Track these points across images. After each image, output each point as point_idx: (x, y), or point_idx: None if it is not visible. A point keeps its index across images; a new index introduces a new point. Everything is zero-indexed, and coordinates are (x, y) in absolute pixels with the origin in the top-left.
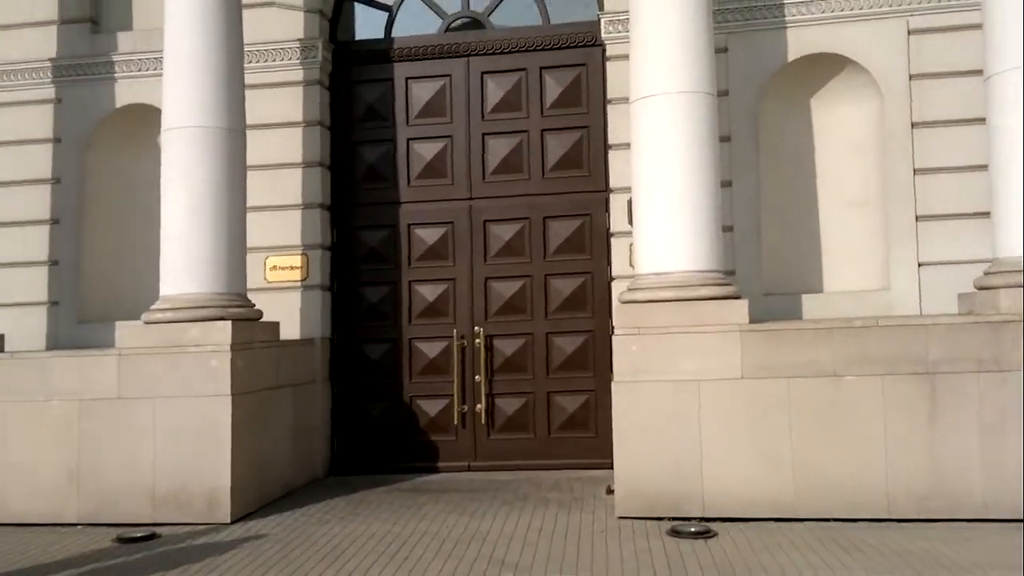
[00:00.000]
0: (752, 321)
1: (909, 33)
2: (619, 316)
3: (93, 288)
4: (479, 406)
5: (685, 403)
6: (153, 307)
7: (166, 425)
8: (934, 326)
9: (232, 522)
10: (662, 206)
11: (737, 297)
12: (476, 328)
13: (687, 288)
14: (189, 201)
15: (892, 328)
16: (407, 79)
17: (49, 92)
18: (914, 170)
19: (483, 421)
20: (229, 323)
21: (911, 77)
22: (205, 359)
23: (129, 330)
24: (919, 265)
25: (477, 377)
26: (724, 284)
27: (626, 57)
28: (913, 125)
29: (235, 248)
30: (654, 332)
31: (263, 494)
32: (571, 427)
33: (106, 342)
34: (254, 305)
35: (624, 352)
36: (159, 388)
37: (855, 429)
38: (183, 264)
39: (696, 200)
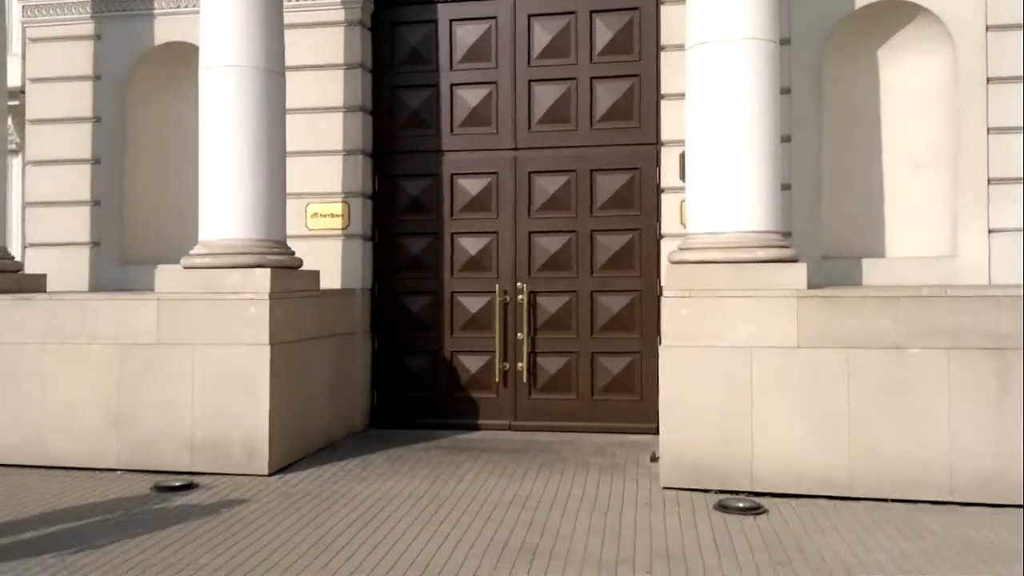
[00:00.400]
0: (810, 286)
1: None
2: (669, 277)
3: (135, 229)
4: (521, 364)
5: (736, 371)
6: (192, 252)
7: (205, 372)
8: (1006, 298)
9: (270, 474)
10: (717, 161)
11: (795, 260)
12: (519, 284)
13: (742, 249)
14: (227, 143)
15: (961, 299)
16: (451, 21)
17: (88, 28)
18: (988, 128)
19: (525, 380)
20: (268, 271)
21: (987, 28)
22: (244, 306)
23: (168, 274)
24: (989, 232)
25: (519, 334)
26: (782, 246)
27: (680, 1)
28: (988, 80)
29: (274, 193)
30: (706, 295)
31: (302, 446)
32: (615, 389)
33: (148, 284)
34: (294, 253)
35: (673, 315)
36: (198, 334)
37: (918, 405)
38: (222, 208)
39: (754, 155)
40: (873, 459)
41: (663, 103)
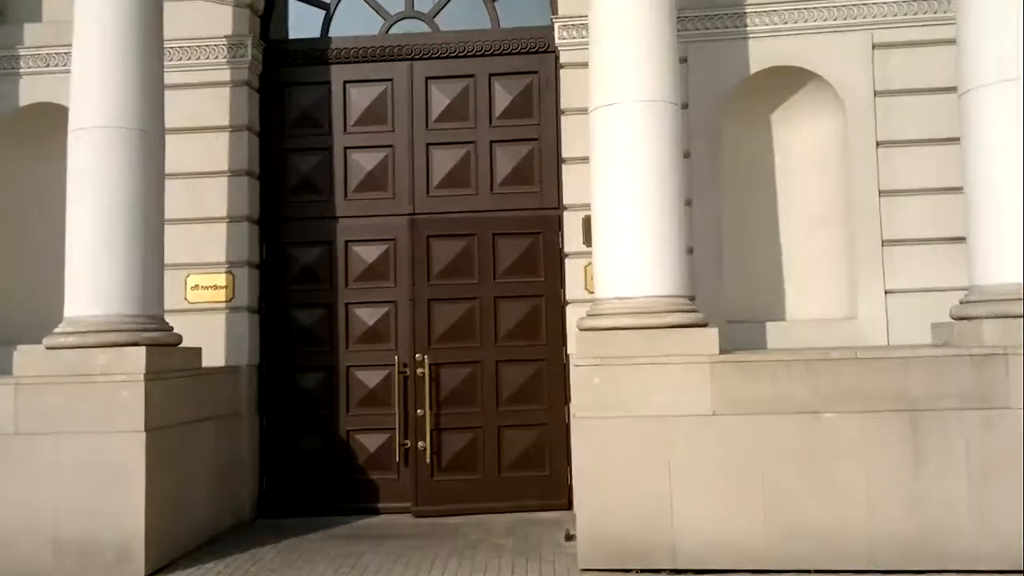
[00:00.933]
0: (720, 351)
1: (874, 47)
2: (579, 344)
3: None
4: (422, 442)
5: (653, 442)
6: (56, 330)
7: (71, 464)
8: (915, 359)
9: None
10: (624, 224)
11: (705, 324)
12: (419, 355)
13: (652, 315)
14: (97, 210)
15: (871, 361)
16: (345, 83)
17: None
18: (879, 191)
19: (427, 459)
20: (143, 349)
21: (876, 93)
22: (115, 390)
23: (28, 356)
24: (886, 292)
25: (420, 410)
26: (691, 310)
27: (581, 65)
28: (878, 144)
29: (151, 265)
30: (619, 363)
31: (182, 542)
32: (523, 465)
33: (7, 368)
34: (172, 328)
35: (585, 385)
36: (62, 422)
37: (833, 471)
38: (90, 282)
39: (661, 217)
40: (792, 529)
41: (564, 167)
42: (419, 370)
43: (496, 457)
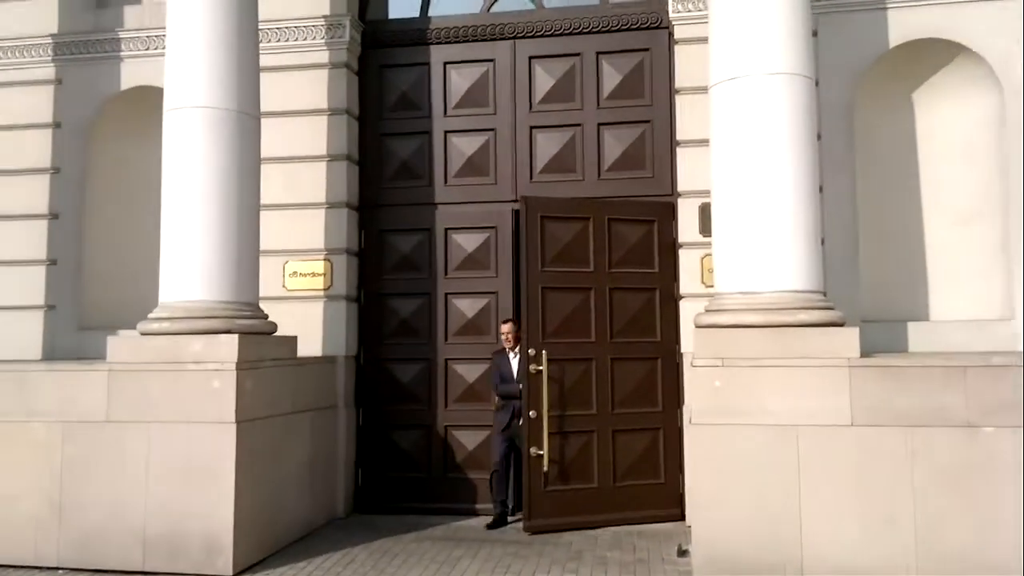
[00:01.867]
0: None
1: None
2: (698, 343)
3: (95, 291)
4: (538, 449)
5: (780, 452)
6: (150, 315)
7: (161, 455)
8: None
9: (235, 574)
10: (750, 211)
11: (842, 324)
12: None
13: (782, 312)
14: (192, 193)
15: None
16: (445, 64)
17: (49, 72)
18: None
19: (544, 466)
20: (236, 337)
21: None
22: (207, 379)
23: (122, 342)
24: None
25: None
26: (827, 307)
27: (698, 40)
28: None
29: (246, 250)
30: (742, 364)
31: (272, 539)
32: (635, 471)
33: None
34: (267, 316)
35: (704, 387)
36: (154, 411)
37: (992, 493)
38: (185, 266)
39: (793, 203)
40: (943, 554)
41: (678, 150)
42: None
43: (611, 464)
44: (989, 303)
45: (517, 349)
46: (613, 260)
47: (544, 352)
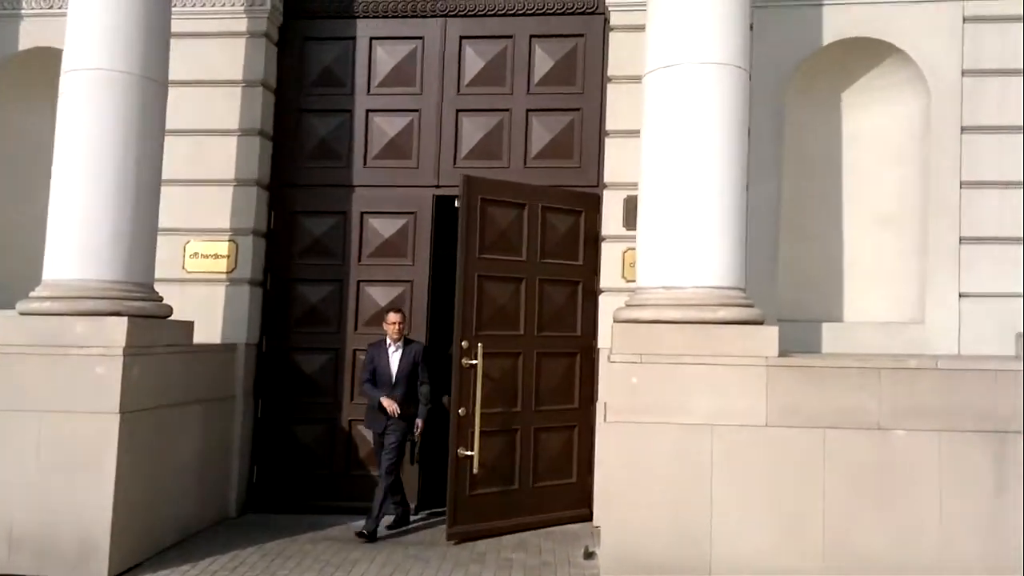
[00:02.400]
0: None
1: (964, 20)
2: (617, 339)
3: None
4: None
5: (694, 452)
6: (32, 293)
7: (35, 446)
8: (1003, 372)
9: None
10: (677, 204)
11: (761, 322)
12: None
13: (703, 308)
14: (84, 161)
15: (954, 373)
16: (371, 39)
17: None
18: (961, 183)
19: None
20: (124, 320)
21: (964, 72)
22: (90, 364)
23: None
24: (960, 295)
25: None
26: (747, 305)
27: (632, 28)
28: (963, 130)
29: (142, 226)
30: (660, 360)
31: (156, 539)
32: (551, 471)
33: None
34: (162, 299)
35: (620, 384)
36: (30, 399)
37: (903, 497)
38: (72, 242)
39: (720, 199)
40: (852, 557)
41: (607, 141)
42: None
43: (531, 464)
44: (902, 306)
45: (400, 343)
46: (544, 250)
47: (480, 345)
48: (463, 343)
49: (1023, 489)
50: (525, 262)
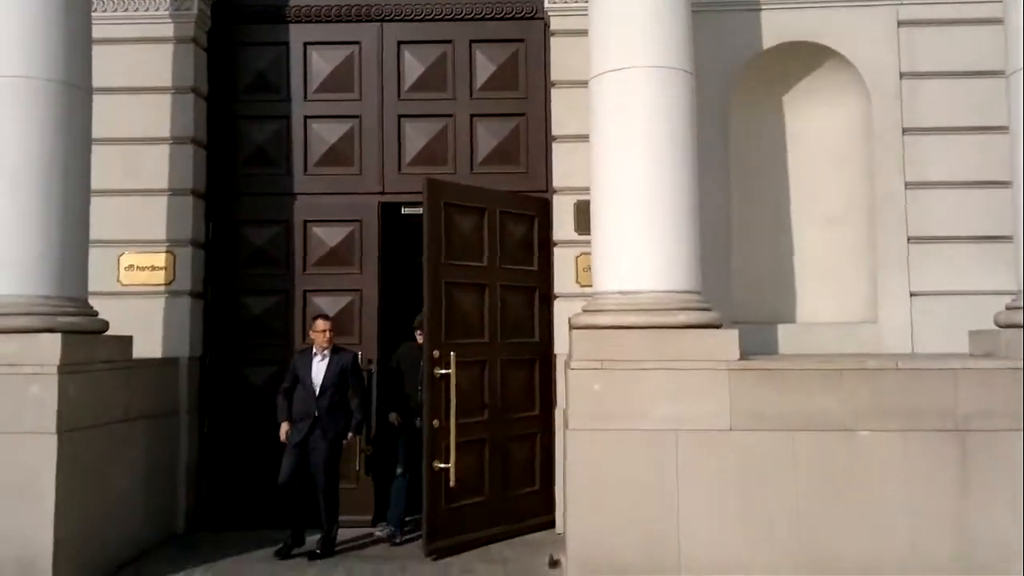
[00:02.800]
0: None
1: (899, 24)
2: (576, 345)
3: None
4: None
5: (659, 458)
6: None
7: None
8: (965, 371)
9: None
10: (630, 207)
11: (719, 325)
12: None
13: (662, 312)
14: (6, 173)
15: (914, 372)
16: (306, 44)
17: None
18: (905, 183)
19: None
20: (58, 336)
21: (902, 75)
22: (23, 384)
23: None
24: (911, 294)
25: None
26: (705, 308)
27: (574, 33)
28: (904, 131)
29: (72, 239)
30: (622, 367)
31: (100, 562)
32: (518, 479)
33: None
34: (97, 314)
35: (582, 391)
36: None
37: (870, 498)
38: None
39: (673, 202)
40: (822, 562)
41: (554, 145)
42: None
43: (500, 474)
44: (855, 305)
45: (328, 351)
46: (503, 255)
47: (453, 354)
48: (434, 352)
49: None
50: (487, 268)
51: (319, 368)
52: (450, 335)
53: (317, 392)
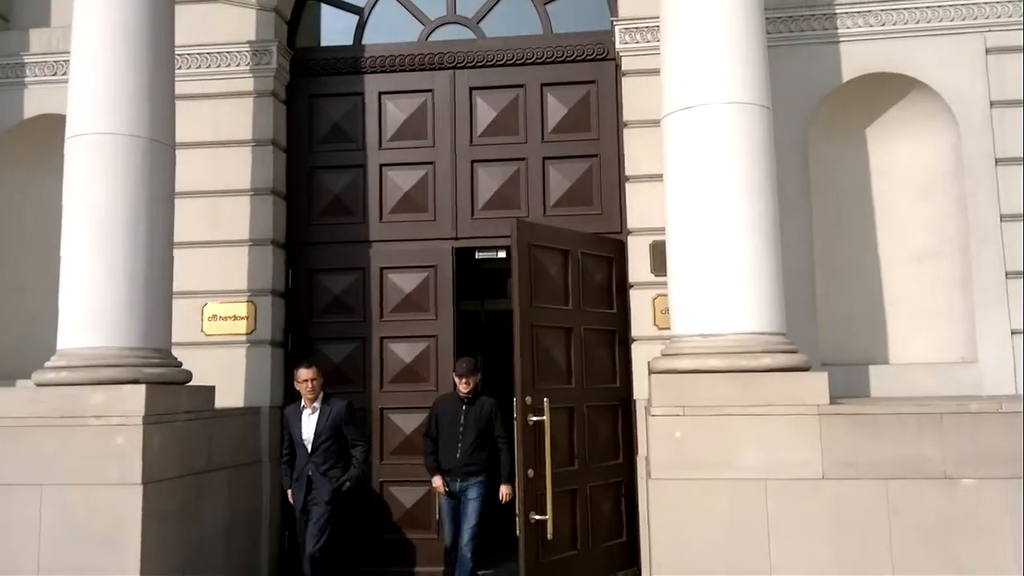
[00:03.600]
0: None
1: (987, 52)
2: (656, 390)
3: None
4: None
5: (748, 508)
6: (47, 364)
7: (55, 521)
8: None
9: None
10: (708, 248)
11: (807, 368)
12: None
13: (745, 355)
14: (93, 228)
15: (1020, 416)
16: (380, 94)
17: None
18: (1000, 215)
19: None
20: (143, 387)
21: (992, 103)
22: (109, 435)
23: (11, 394)
24: (1012, 332)
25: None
26: (791, 351)
27: (646, 72)
28: (998, 161)
29: (156, 291)
30: (704, 412)
31: None
32: (605, 531)
33: None
34: (181, 364)
35: (664, 438)
36: (49, 472)
37: (974, 548)
38: (85, 310)
39: (754, 240)
40: None
41: (627, 186)
42: None
43: (589, 525)
44: (950, 345)
45: (318, 402)
46: (584, 297)
47: (546, 400)
48: (527, 399)
49: None
50: (572, 311)
51: (309, 422)
52: (541, 380)
53: (309, 449)
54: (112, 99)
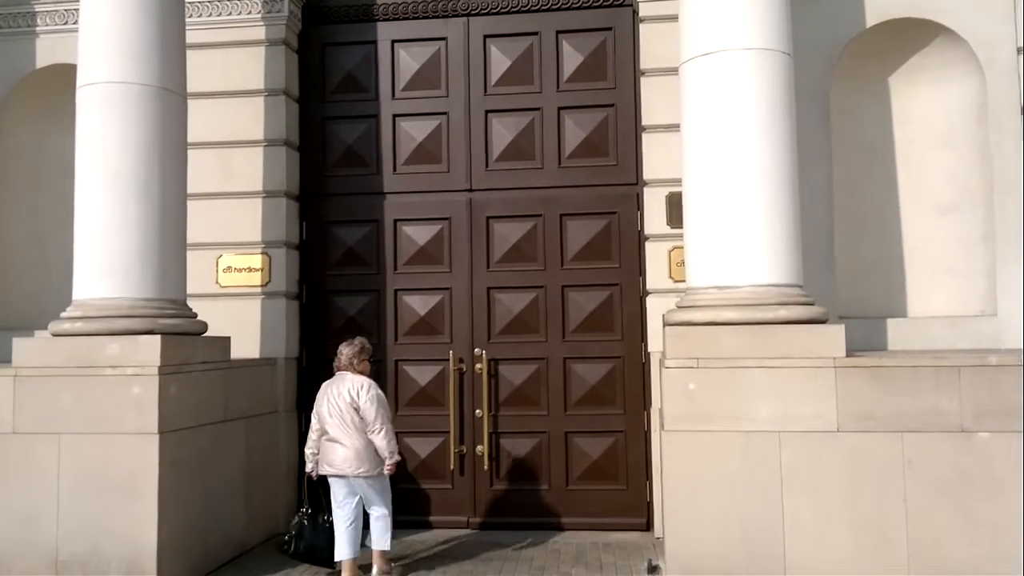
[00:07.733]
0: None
1: None
2: (670, 343)
3: (7, 287)
4: (480, 447)
5: (761, 461)
6: (63, 314)
7: (74, 469)
8: None
9: None
10: (725, 198)
11: (824, 320)
12: (477, 350)
13: (761, 308)
14: (107, 178)
15: None
16: (393, 42)
17: None
18: None
19: (486, 466)
20: (158, 338)
21: (1019, 50)
22: (125, 384)
23: (29, 344)
24: None
25: (478, 411)
26: (808, 303)
27: (664, 19)
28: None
29: (171, 242)
30: (718, 365)
31: (204, 559)
32: (595, 477)
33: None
34: (196, 315)
35: (678, 390)
36: (66, 421)
37: (989, 501)
38: (100, 260)
39: (772, 191)
40: (936, 568)
41: (644, 136)
42: (477, 365)
43: (564, 467)
44: (970, 298)
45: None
46: (568, 256)
47: (484, 352)
48: (474, 350)
49: None
50: (544, 270)
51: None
52: (494, 336)
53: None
54: (122, 47)
